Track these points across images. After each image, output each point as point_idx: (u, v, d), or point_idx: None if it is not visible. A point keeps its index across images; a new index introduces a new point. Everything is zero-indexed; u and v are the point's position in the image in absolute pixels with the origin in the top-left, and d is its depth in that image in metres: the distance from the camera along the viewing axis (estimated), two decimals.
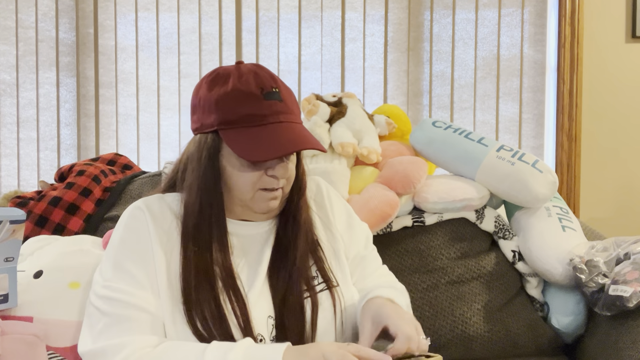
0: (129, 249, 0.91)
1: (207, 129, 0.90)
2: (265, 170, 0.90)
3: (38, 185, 1.63)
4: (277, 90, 0.89)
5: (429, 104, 2.41)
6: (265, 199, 0.92)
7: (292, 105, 0.92)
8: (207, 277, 0.88)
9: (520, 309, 1.37)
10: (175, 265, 0.90)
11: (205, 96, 0.90)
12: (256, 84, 0.88)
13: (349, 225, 1.08)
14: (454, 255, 1.42)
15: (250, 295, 0.91)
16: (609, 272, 1.21)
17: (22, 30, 2.41)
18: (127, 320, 0.85)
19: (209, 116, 0.89)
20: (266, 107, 0.87)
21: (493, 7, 2.39)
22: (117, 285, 0.87)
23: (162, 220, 0.93)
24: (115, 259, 0.90)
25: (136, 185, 1.53)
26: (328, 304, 0.94)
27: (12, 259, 1.04)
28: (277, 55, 2.41)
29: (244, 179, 0.90)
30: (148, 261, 0.90)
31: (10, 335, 0.96)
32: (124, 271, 0.89)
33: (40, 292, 1.07)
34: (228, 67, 0.92)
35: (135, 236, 0.91)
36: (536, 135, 2.41)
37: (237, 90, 0.87)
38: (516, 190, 1.38)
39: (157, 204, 0.95)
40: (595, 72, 2.33)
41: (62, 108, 2.43)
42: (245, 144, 0.86)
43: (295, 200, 0.98)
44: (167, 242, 0.92)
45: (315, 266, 0.97)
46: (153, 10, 2.41)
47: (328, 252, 1.00)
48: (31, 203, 1.42)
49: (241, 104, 0.87)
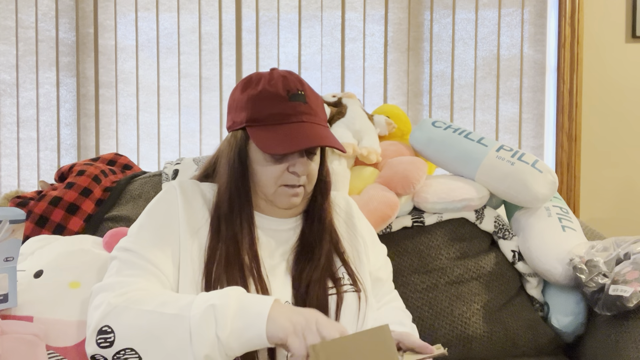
0: (156, 219, 0.97)
1: (237, 127, 0.98)
2: (287, 167, 0.95)
3: (38, 185, 1.63)
4: (302, 93, 0.96)
5: (429, 104, 2.41)
6: (287, 194, 0.97)
7: (316, 108, 0.97)
8: (236, 258, 0.92)
9: (520, 309, 1.37)
10: (200, 244, 0.95)
11: (238, 97, 0.98)
12: (283, 86, 0.95)
13: (373, 243, 1.14)
14: (454, 255, 1.42)
15: (272, 282, 0.94)
16: (609, 272, 1.21)
17: (22, 30, 2.41)
18: (140, 268, 0.90)
19: (239, 115, 0.97)
20: (290, 108, 0.94)
21: (493, 7, 2.39)
22: (139, 242, 0.93)
23: (193, 201, 0.99)
24: (141, 223, 0.97)
25: (136, 185, 1.53)
26: (354, 304, 0.97)
27: (12, 258, 1.04)
28: (277, 55, 2.41)
29: (267, 173, 0.96)
30: (173, 232, 0.95)
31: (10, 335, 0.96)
32: (148, 235, 0.94)
33: (40, 291, 1.07)
34: (262, 73, 0.99)
35: (165, 207, 0.97)
36: (536, 135, 2.41)
37: (266, 91, 0.94)
38: (516, 190, 1.38)
39: (191, 187, 1.01)
40: (595, 72, 2.33)
41: (62, 108, 2.43)
42: (267, 139, 0.92)
43: (320, 201, 1.04)
44: (195, 221, 0.97)
45: (344, 269, 1.00)
46: (153, 10, 2.41)
47: (354, 259, 1.04)
48: (31, 203, 1.42)
49: (268, 103, 0.94)
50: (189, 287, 0.91)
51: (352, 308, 0.96)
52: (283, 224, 1.03)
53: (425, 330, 1.32)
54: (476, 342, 1.32)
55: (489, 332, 1.33)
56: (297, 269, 0.97)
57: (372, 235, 1.15)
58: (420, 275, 1.39)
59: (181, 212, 0.96)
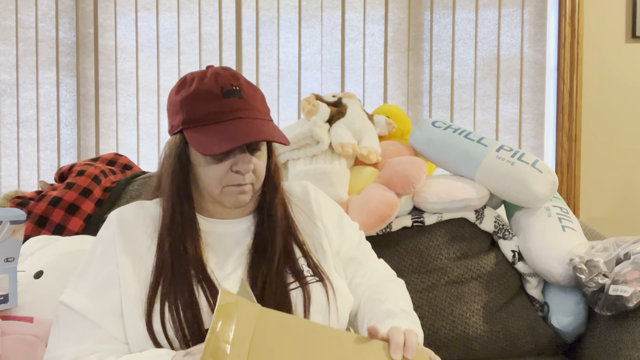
0: (94, 259, 0.94)
1: (175, 130, 0.94)
2: (230, 167, 0.91)
3: (38, 185, 1.63)
4: (237, 89, 0.92)
5: (429, 104, 2.41)
6: (233, 193, 0.93)
7: (254, 102, 0.93)
8: (180, 270, 0.90)
9: (520, 309, 1.37)
10: (147, 270, 0.92)
11: (173, 99, 0.95)
12: (216, 83, 0.91)
13: (339, 224, 1.09)
14: (454, 255, 1.42)
15: (225, 287, 0.91)
16: (609, 272, 1.21)
17: (22, 30, 2.41)
18: (78, 329, 0.88)
19: (176, 118, 0.93)
20: (225, 105, 0.90)
21: (493, 7, 2.39)
22: (77, 299, 0.90)
23: (134, 228, 0.95)
24: (81, 272, 0.94)
25: (136, 185, 1.53)
26: (322, 296, 0.94)
27: (12, 259, 1.04)
28: (277, 55, 2.41)
29: (210, 174, 0.92)
30: (109, 269, 0.92)
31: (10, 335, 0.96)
32: (87, 286, 0.91)
33: (40, 292, 1.07)
34: (195, 72, 0.96)
35: (102, 245, 0.94)
36: (536, 135, 2.41)
37: (199, 90, 0.91)
38: (516, 190, 1.38)
39: (133, 213, 0.97)
40: (595, 72, 2.33)
41: (62, 108, 2.43)
42: (203, 140, 0.89)
43: (269, 198, 0.99)
44: (138, 249, 0.93)
45: (304, 260, 0.97)
46: (153, 10, 2.41)
47: (315, 248, 1.01)
48: (31, 203, 1.42)
49: (202, 103, 0.90)
50: (137, 319, 0.89)
51: (321, 299, 0.93)
52: (235, 225, 0.99)
53: (426, 330, 1.32)
54: (476, 342, 1.32)
55: (489, 332, 1.33)
56: (252, 269, 0.94)
57: (336, 217, 1.10)
58: (420, 275, 1.39)
59: (119, 245, 0.93)
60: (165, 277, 0.90)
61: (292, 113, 2.42)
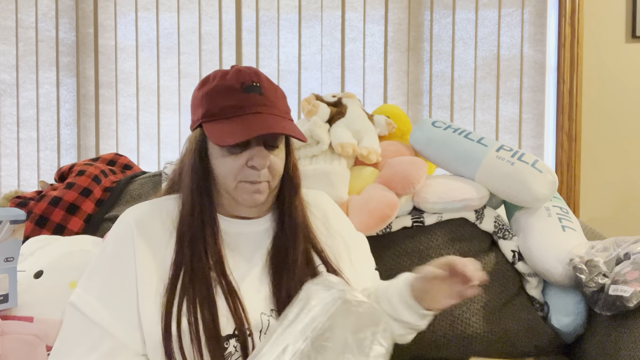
0: (106, 259, 0.92)
1: (195, 125, 0.95)
2: (246, 162, 0.91)
3: (38, 185, 1.63)
4: (257, 85, 0.92)
5: (429, 104, 2.41)
6: (249, 191, 0.92)
7: (274, 99, 0.93)
8: (200, 265, 0.89)
9: (520, 309, 1.37)
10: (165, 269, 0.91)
11: (195, 95, 0.96)
12: (237, 79, 0.91)
13: (354, 235, 1.11)
14: (454, 255, 1.41)
15: (242, 290, 0.91)
16: (609, 272, 1.21)
17: (22, 30, 2.41)
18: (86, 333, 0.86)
19: (197, 113, 0.94)
20: (244, 99, 0.90)
21: (493, 7, 2.39)
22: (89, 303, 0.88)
23: (152, 223, 0.94)
24: (92, 268, 0.92)
25: (136, 185, 1.53)
26: None
27: (12, 259, 1.04)
28: (277, 55, 2.41)
29: (226, 168, 0.91)
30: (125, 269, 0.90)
31: (10, 335, 0.96)
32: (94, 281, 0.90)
33: (40, 292, 1.07)
34: (219, 70, 0.96)
35: (116, 246, 0.92)
36: (536, 135, 2.41)
37: (219, 85, 0.91)
38: (516, 190, 1.38)
39: (149, 212, 0.96)
40: (595, 72, 2.33)
41: (62, 108, 2.43)
42: (220, 131, 0.89)
43: (288, 198, 0.98)
44: (159, 242, 0.92)
45: (324, 267, 0.97)
46: (153, 10, 2.41)
47: (335, 257, 1.00)
48: (31, 203, 1.42)
49: (222, 97, 0.91)
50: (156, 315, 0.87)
51: None
52: (254, 226, 0.98)
53: (425, 330, 1.32)
54: (476, 342, 1.32)
55: (489, 332, 1.33)
56: (275, 275, 0.93)
57: (352, 227, 1.12)
58: None
59: (137, 245, 0.91)
60: (185, 270, 0.89)
61: (292, 113, 2.42)
